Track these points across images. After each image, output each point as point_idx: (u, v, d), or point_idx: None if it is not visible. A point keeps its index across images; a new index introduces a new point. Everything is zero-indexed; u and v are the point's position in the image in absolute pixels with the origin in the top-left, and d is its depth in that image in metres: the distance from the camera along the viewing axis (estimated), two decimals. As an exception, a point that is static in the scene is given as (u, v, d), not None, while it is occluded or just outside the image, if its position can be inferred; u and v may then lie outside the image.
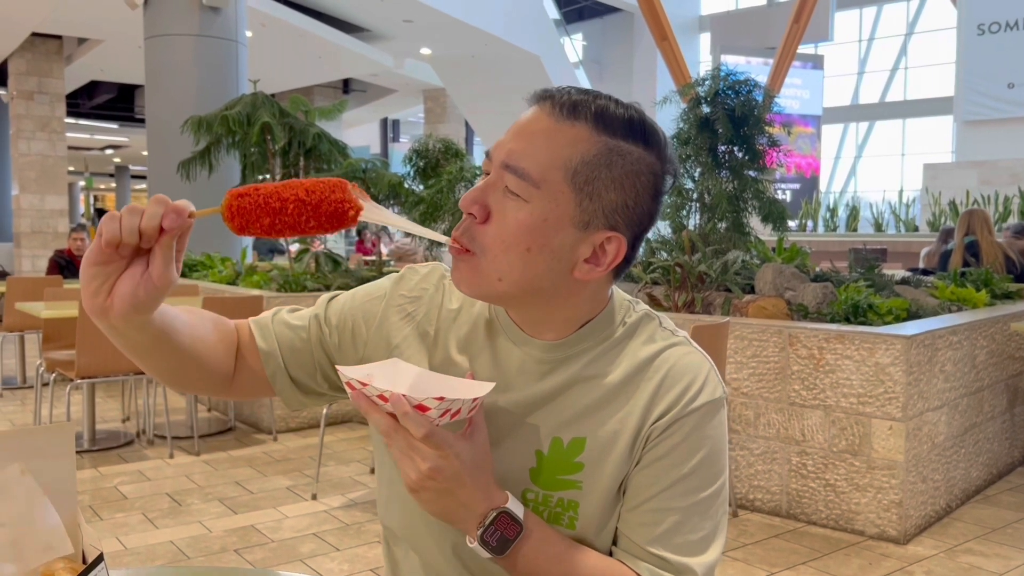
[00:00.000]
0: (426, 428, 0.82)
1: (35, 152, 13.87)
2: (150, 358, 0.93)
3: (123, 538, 3.38)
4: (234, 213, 0.81)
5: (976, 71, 13.39)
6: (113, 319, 0.82)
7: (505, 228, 0.87)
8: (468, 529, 0.88)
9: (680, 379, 0.93)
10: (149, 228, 0.78)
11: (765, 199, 4.80)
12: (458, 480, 0.85)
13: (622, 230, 0.89)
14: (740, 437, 3.72)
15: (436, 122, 18.44)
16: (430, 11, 12.70)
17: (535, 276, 0.88)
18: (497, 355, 0.98)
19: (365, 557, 3.19)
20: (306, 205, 0.81)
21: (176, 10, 8.58)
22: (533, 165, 0.86)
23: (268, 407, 5.00)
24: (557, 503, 0.94)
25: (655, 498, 0.91)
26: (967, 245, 6.00)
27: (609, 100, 0.89)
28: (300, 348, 1.03)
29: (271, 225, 0.81)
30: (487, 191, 0.89)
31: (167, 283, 0.80)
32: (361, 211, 0.83)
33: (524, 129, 0.89)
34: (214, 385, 1.01)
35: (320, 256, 6.20)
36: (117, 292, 0.80)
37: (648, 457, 0.92)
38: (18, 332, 6.21)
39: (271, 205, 0.81)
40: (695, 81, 4.84)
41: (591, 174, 0.86)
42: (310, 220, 0.81)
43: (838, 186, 19.85)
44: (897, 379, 3.28)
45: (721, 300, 4.21)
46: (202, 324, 0.98)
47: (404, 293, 1.04)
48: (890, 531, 3.33)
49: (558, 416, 0.94)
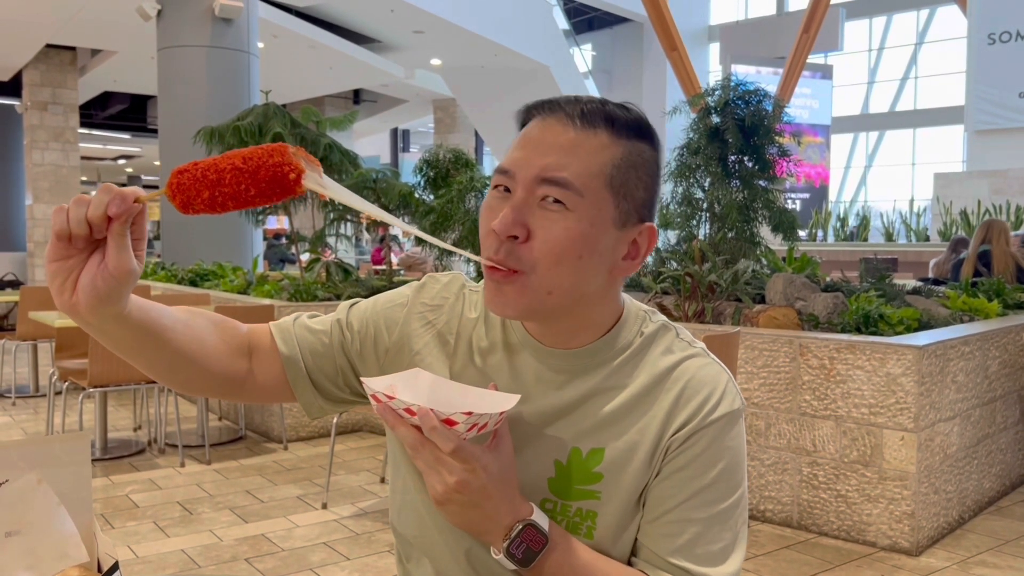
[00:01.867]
0: (455, 443, 0.82)
1: (49, 162, 13.97)
2: (141, 355, 0.92)
3: (134, 546, 3.39)
4: (175, 191, 0.78)
5: (986, 80, 13.35)
6: (83, 314, 0.81)
7: (552, 241, 0.87)
8: (494, 541, 0.88)
9: (699, 391, 0.94)
10: (96, 217, 0.78)
11: (775, 209, 4.80)
12: (485, 493, 0.85)
13: (651, 220, 0.95)
14: (751, 447, 3.71)
15: (446, 132, 18.51)
16: (440, 22, 12.76)
17: (586, 282, 0.90)
18: (515, 365, 0.98)
19: (375, 567, 3.19)
20: (243, 173, 0.78)
21: (189, 22, 8.65)
22: (573, 175, 0.87)
23: (279, 416, 5.01)
24: (576, 513, 0.95)
25: (676, 509, 0.92)
26: (980, 254, 5.98)
27: (611, 104, 0.92)
28: (322, 353, 1.03)
29: (212, 198, 0.78)
30: (523, 210, 0.88)
31: (124, 271, 0.79)
32: (303, 174, 0.79)
33: (547, 142, 0.89)
34: (219, 387, 1.00)
35: (331, 265, 6.22)
36: (79, 286, 0.80)
37: (668, 468, 0.93)
38: (31, 341, 6.25)
39: (208, 178, 0.78)
40: (705, 91, 4.84)
41: (624, 176, 0.90)
42: (250, 188, 0.78)
43: (848, 196, 19.81)
44: (909, 389, 3.26)
45: (731, 310, 4.21)
46: (201, 323, 0.98)
47: (425, 301, 1.04)
48: (902, 543, 3.31)
49: (577, 426, 0.95)
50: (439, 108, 18.76)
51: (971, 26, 13.73)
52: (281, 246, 13.84)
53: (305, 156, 0.81)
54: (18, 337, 6.21)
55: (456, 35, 13.32)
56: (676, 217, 4.73)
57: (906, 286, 4.77)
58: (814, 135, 15.99)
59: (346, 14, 13.50)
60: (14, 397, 6.40)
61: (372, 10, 13.02)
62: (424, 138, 24.19)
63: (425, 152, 6.08)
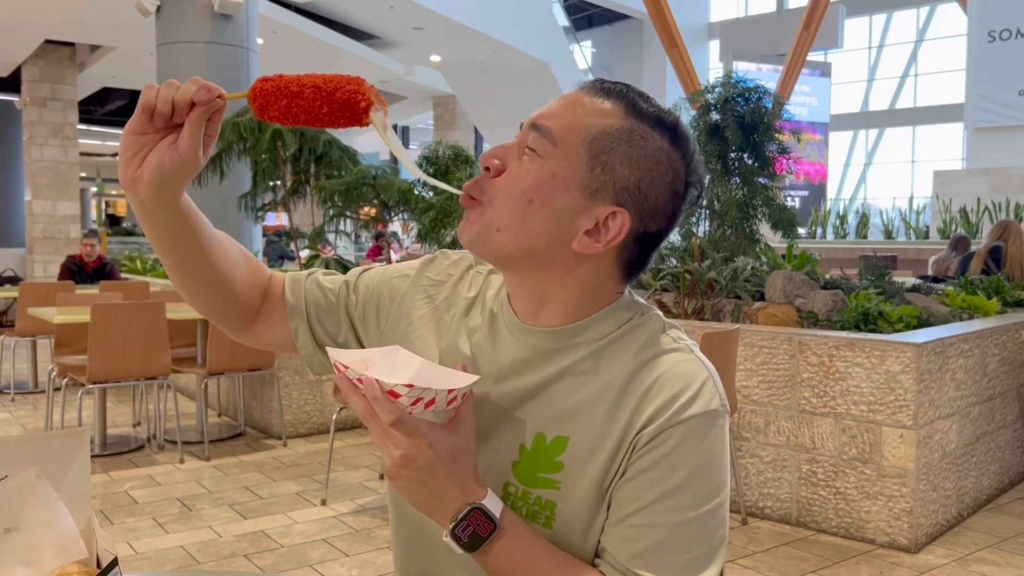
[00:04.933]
0: (395, 414, 0.81)
1: (48, 158, 13.95)
2: (175, 251, 0.95)
3: (134, 543, 3.39)
4: (256, 94, 0.85)
5: (986, 78, 13.34)
6: (142, 190, 0.86)
7: (514, 179, 0.90)
8: (442, 521, 0.87)
9: (670, 385, 0.88)
10: (181, 100, 0.83)
11: (775, 206, 4.80)
12: (431, 471, 0.84)
13: (629, 209, 0.89)
14: (750, 445, 3.71)
15: (446, 129, 18.49)
16: (440, 18, 12.75)
17: (532, 232, 0.89)
18: (496, 344, 0.97)
19: (374, 563, 3.20)
20: (321, 91, 0.84)
21: (188, 17, 8.63)
22: (555, 125, 0.89)
23: (278, 413, 5.02)
24: (535, 501, 0.92)
25: (639, 512, 0.86)
26: (991, 250, 5.98)
27: (645, 96, 0.92)
28: (326, 309, 1.06)
29: (287, 108, 0.85)
30: (508, 148, 0.92)
31: (192, 158, 0.84)
32: (372, 106, 0.85)
33: (557, 102, 0.93)
34: (229, 315, 1.04)
35: (330, 262, 6.21)
36: (147, 162, 0.85)
37: (634, 468, 0.87)
38: (30, 337, 6.25)
39: (290, 89, 0.84)
40: (705, 88, 4.84)
41: (609, 144, 0.88)
42: (323, 106, 0.84)
43: (848, 193, 19.80)
44: (908, 387, 3.26)
45: (731, 307, 4.21)
46: (235, 250, 1.03)
47: (431, 275, 1.06)
48: (901, 540, 3.32)
49: (545, 410, 0.92)
50: (438, 105, 18.73)
51: (971, 23, 13.72)
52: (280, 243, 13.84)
53: (376, 95, 0.87)
54: (17, 333, 6.21)
55: (456, 32, 13.30)
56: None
57: (905, 284, 4.77)
58: (812, 132, 15.98)
59: (346, 10, 13.49)
60: (13, 393, 6.40)
61: (372, 6, 13.00)
62: (424, 135, 24.19)
63: (425, 149, 6.08)
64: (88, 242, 7.90)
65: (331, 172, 6.27)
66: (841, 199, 17.97)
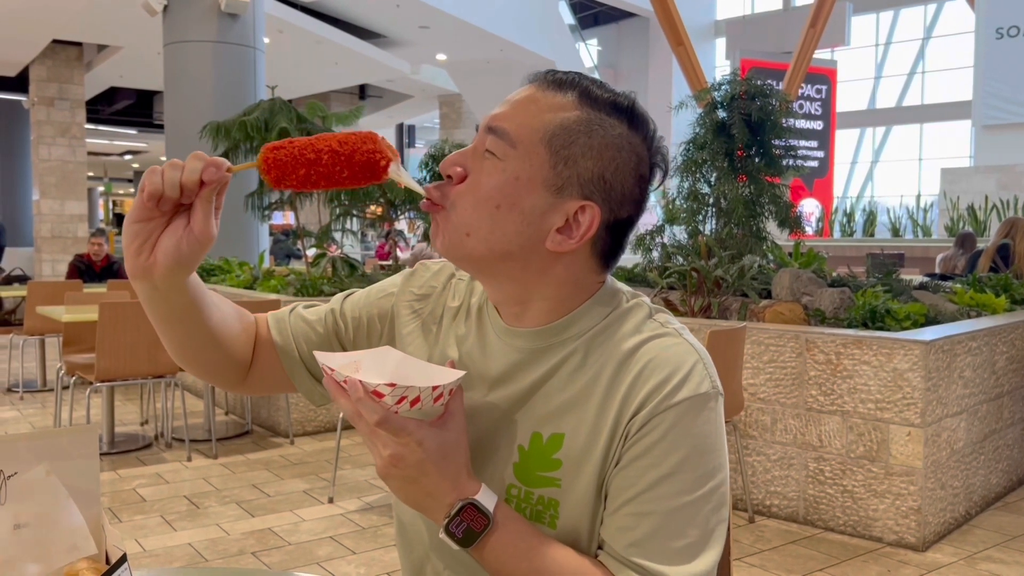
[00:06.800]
0: (379, 414, 0.81)
1: (55, 158, 14.01)
2: (182, 325, 0.94)
3: (142, 540, 3.40)
4: (270, 166, 0.84)
5: (994, 75, 13.28)
6: (157, 277, 0.85)
7: (476, 186, 0.89)
8: (436, 519, 0.87)
9: (658, 371, 0.88)
10: (190, 182, 0.81)
11: (782, 204, 4.78)
12: (421, 468, 0.84)
13: (597, 202, 0.88)
14: (757, 443, 3.71)
15: (451, 127, 18.50)
16: (446, 17, 12.75)
17: (504, 236, 0.88)
18: (486, 351, 0.97)
19: (382, 560, 3.20)
20: (339, 156, 0.84)
21: (195, 17, 8.65)
22: (512, 126, 0.88)
23: (285, 411, 5.03)
24: (538, 500, 0.92)
25: (634, 500, 0.86)
26: (999, 247, 5.97)
27: (590, 79, 0.91)
28: (316, 343, 1.05)
29: (306, 176, 0.84)
30: (467, 154, 0.91)
31: (208, 236, 0.83)
32: (391, 162, 0.85)
33: (511, 100, 0.91)
34: (230, 373, 1.03)
35: (336, 261, 6.22)
36: (160, 248, 0.83)
37: (627, 456, 0.87)
38: (39, 336, 6.27)
39: (306, 156, 0.83)
40: (712, 86, 4.83)
41: (568, 139, 0.87)
42: (344, 170, 0.84)
43: (855, 191, 19.74)
44: (915, 385, 3.26)
45: (738, 305, 4.20)
46: (228, 307, 1.01)
47: (413, 290, 1.07)
48: (908, 538, 3.31)
49: (539, 410, 0.92)
50: (444, 103, 18.75)
51: (979, 20, 13.66)
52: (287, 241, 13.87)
53: (389, 147, 0.87)
54: (26, 332, 6.23)
55: (461, 30, 13.31)
56: (682, 212, 4.72)
57: (913, 281, 4.75)
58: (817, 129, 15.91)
59: (352, 9, 13.50)
60: (22, 392, 6.43)
61: (378, 5, 13.02)
62: (429, 133, 24.19)
63: (431, 147, 6.08)
64: (96, 241, 7.92)
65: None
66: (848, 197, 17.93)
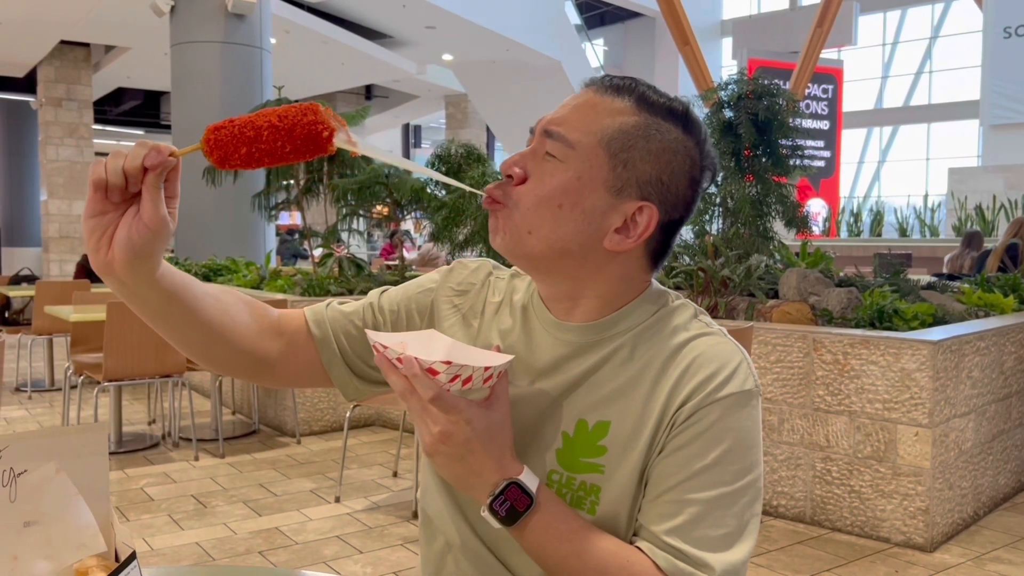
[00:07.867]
0: (434, 391, 0.84)
1: (63, 158, 14.06)
2: (171, 322, 0.94)
3: (149, 539, 3.41)
4: (212, 147, 0.82)
5: (1002, 74, 13.23)
6: (118, 270, 0.84)
7: (540, 186, 0.92)
8: (480, 497, 0.89)
9: (706, 366, 0.92)
10: (132, 168, 0.80)
11: (788, 204, 4.77)
12: (468, 446, 0.86)
13: (654, 203, 0.92)
14: (764, 443, 3.70)
15: (458, 128, 18.50)
16: (452, 17, 12.76)
17: (564, 235, 0.92)
18: (531, 341, 1.00)
19: (388, 560, 3.21)
20: (279, 130, 0.82)
21: (202, 18, 8.67)
22: (571, 130, 0.92)
23: (292, 410, 5.03)
24: (580, 486, 0.94)
25: (675, 488, 0.89)
26: (1008, 247, 5.95)
27: (654, 88, 0.95)
28: (355, 335, 1.06)
29: (249, 155, 0.82)
30: (527, 156, 0.94)
31: (158, 223, 0.82)
32: (335, 132, 0.83)
33: (569, 104, 0.95)
34: (249, 366, 1.03)
35: (343, 260, 6.23)
36: (115, 241, 0.83)
37: (671, 445, 0.91)
38: (47, 335, 6.29)
39: (246, 134, 0.82)
40: (718, 85, 4.82)
41: (627, 142, 0.91)
42: (286, 145, 0.82)
43: (862, 191, 19.69)
44: (923, 385, 3.25)
45: (744, 305, 4.19)
46: (231, 299, 1.01)
47: (452, 286, 1.09)
48: (916, 539, 3.30)
49: (585, 398, 0.95)
50: (451, 104, 18.76)
51: (987, 20, 13.61)
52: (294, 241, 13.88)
53: (334, 116, 0.85)
54: (34, 331, 6.25)
55: (468, 30, 13.31)
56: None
57: (920, 281, 4.74)
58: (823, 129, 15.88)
59: (358, 10, 13.52)
60: (30, 391, 6.46)
61: (384, 6, 13.03)
62: (436, 134, 24.20)
63: (437, 148, 6.07)
64: (103, 241, 7.93)
65: (344, 171, 6.27)
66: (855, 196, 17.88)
